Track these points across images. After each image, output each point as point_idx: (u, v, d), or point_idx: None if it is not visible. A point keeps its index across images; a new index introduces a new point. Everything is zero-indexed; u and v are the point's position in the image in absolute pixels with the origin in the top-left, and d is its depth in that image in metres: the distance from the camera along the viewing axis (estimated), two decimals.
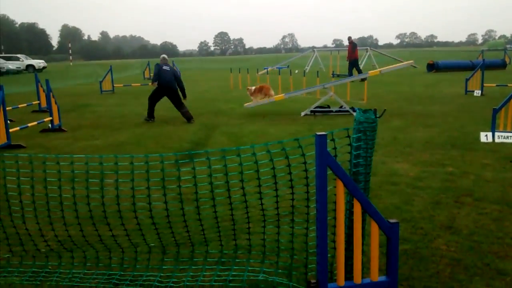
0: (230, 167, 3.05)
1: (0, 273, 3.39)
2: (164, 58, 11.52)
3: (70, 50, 73.89)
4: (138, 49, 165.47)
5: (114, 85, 19.95)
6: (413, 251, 3.59)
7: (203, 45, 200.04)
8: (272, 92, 11.57)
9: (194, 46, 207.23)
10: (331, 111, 11.27)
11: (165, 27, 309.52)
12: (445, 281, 3.15)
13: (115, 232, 3.43)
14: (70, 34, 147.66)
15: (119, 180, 3.15)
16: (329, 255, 2.86)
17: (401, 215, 4.27)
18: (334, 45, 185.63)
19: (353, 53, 22.12)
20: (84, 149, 7.83)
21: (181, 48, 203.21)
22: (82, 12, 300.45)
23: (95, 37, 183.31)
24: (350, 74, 21.68)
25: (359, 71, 21.89)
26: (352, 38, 22.57)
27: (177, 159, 4.32)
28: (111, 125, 10.53)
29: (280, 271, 3.23)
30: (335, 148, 2.88)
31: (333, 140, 2.88)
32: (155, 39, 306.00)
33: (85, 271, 3.40)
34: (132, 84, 22.25)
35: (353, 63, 22.12)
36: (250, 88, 11.77)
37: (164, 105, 14.27)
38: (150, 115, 11.01)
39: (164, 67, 10.93)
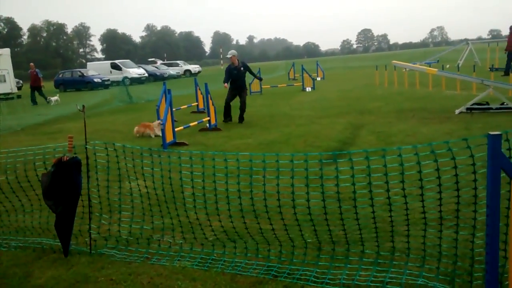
0: (388, 168, 3.01)
1: (174, 257, 3.83)
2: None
3: (221, 55, 79.18)
4: (282, 51, 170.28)
5: (262, 86, 20.86)
6: None
7: (346, 43, 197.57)
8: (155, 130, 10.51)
9: (336, 45, 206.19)
10: (491, 109, 10.27)
11: (308, 28, 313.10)
12: None
13: (274, 226, 3.63)
14: (220, 39, 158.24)
15: (280, 177, 3.34)
16: (499, 264, 2.66)
17: None
18: (490, 36, 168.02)
19: None
20: (238, 147, 8.37)
21: (323, 47, 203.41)
22: (231, 18, 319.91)
23: (242, 41, 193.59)
24: (509, 67, 19.54)
25: None
26: None
27: (335, 157, 4.37)
28: (261, 124, 11.06)
29: (441, 277, 3.09)
30: (509, 149, 2.65)
31: (507, 140, 2.66)
32: (298, 40, 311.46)
33: (246, 261, 3.66)
34: (279, 85, 23.03)
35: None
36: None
37: (310, 104, 14.52)
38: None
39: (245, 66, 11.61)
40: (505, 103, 10.17)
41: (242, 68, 11.47)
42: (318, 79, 26.80)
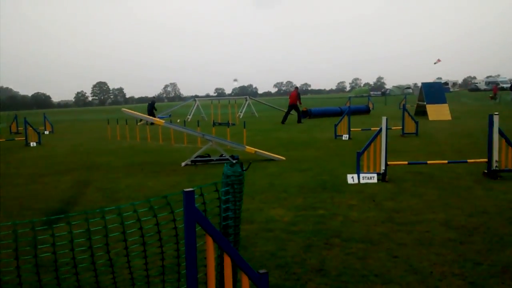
0: (96, 230, 2.88)
1: None
2: (153, 97, 40.29)
3: None
4: (6, 100, 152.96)
5: None
6: None
7: (80, 95, 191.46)
8: None
9: (70, 97, 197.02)
10: (212, 160, 11.37)
11: (37, 77, 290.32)
12: None
13: None
14: None
15: None
16: None
17: (275, 261, 4.36)
18: (216, 94, 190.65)
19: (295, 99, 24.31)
20: None
21: (56, 99, 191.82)
22: None
23: None
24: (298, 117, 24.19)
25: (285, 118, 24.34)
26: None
27: (33, 226, 3.88)
28: None
29: None
30: (204, 203, 2.88)
31: (202, 195, 2.88)
32: (26, 90, 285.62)
33: None
34: None
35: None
36: None
37: (33, 161, 13.22)
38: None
39: (150, 103, 30.05)
40: (223, 155, 11.41)
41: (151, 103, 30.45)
42: (46, 132, 24.96)
